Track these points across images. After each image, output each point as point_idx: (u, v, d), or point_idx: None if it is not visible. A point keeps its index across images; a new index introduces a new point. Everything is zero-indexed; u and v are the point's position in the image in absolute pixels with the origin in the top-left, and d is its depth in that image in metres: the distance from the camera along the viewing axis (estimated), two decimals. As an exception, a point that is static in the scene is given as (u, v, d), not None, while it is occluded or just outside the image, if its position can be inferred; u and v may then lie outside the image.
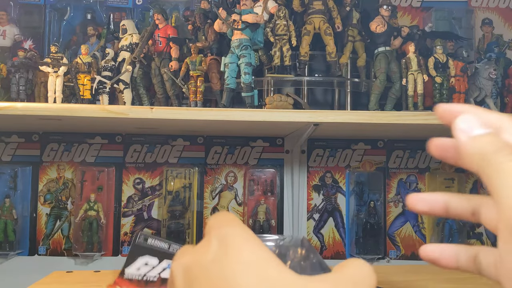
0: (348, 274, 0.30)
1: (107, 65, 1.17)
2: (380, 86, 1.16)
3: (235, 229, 0.32)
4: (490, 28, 1.33)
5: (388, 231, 1.34)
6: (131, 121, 1.05)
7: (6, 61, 1.20)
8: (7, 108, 0.98)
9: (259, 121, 1.00)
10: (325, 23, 1.14)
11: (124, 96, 1.19)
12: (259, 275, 0.28)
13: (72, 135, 1.31)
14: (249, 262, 0.29)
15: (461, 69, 1.17)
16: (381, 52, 1.17)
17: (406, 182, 1.36)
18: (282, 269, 0.29)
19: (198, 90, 1.14)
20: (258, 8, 1.14)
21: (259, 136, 1.33)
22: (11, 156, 1.30)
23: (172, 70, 1.17)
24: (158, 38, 1.19)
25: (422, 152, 1.36)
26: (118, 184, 1.31)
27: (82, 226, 1.26)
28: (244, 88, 1.09)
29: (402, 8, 1.40)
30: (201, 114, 1.00)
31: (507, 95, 1.26)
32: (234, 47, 1.09)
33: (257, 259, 0.29)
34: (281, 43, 1.13)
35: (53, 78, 1.13)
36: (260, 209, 1.28)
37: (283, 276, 0.28)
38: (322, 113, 1.02)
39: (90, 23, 1.29)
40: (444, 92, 1.16)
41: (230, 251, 0.30)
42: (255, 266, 0.29)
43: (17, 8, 1.31)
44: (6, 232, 1.25)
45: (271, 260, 0.29)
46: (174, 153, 1.32)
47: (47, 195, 1.30)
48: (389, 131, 1.21)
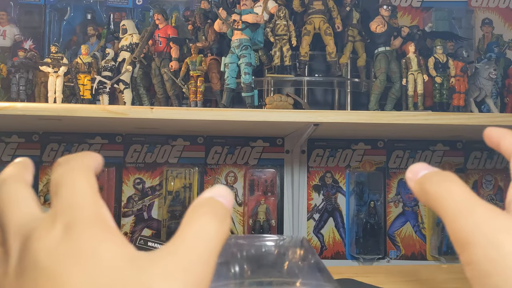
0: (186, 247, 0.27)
1: (107, 65, 1.17)
2: (380, 86, 1.16)
3: (85, 207, 0.27)
4: (490, 28, 1.33)
5: (388, 231, 1.34)
6: (131, 121, 1.05)
7: (6, 61, 1.20)
8: (7, 108, 0.98)
9: (259, 121, 1.00)
10: (325, 23, 1.14)
11: (124, 96, 1.19)
12: (90, 264, 0.25)
13: (72, 135, 1.31)
14: (83, 250, 0.26)
15: (461, 69, 1.17)
16: (381, 52, 1.17)
17: (406, 182, 1.36)
18: (119, 259, 0.25)
19: (198, 90, 1.14)
20: (258, 8, 1.14)
21: (259, 136, 1.33)
22: (11, 156, 1.30)
23: (172, 70, 1.17)
24: (158, 38, 1.19)
25: (422, 152, 1.36)
26: (118, 184, 1.31)
27: (82, 226, 1.26)
28: (244, 88, 1.09)
29: (402, 8, 1.40)
30: (201, 114, 1.00)
31: (507, 95, 1.26)
32: (234, 47, 1.09)
33: (92, 246, 0.26)
34: (281, 43, 1.13)
35: (53, 78, 1.13)
36: (260, 209, 1.29)
37: (115, 266, 0.25)
38: (322, 113, 1.02)
39: (90, 23, 1.29)
40: (444, 92, 1.16)
41: (72, 243, 0.26)
42: (88, 254, 0.25)
43: (17, 8, 1.31)
44: (6, 232, 1.25)
45: (110, 246, 0.26)
46: (174, 153, 1.32)
47: (48, 195, 1.30)
48: (389, 131, 1.21)
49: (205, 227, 0.28)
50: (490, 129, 0.38)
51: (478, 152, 1.38)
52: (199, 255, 0.26)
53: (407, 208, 1.36)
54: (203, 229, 0.27)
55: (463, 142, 1.37)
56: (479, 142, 1.37)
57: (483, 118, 1.06)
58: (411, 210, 1.36)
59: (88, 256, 0.25)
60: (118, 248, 0.26)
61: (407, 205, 1.36)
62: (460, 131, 1.19)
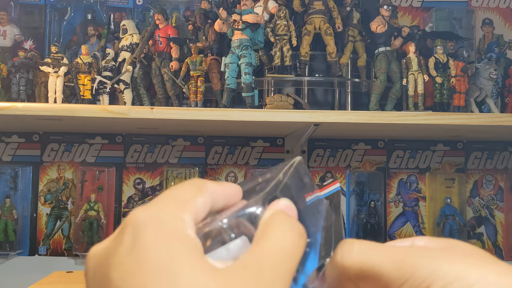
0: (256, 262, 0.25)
1: (107, 65, 1.17)
2: (381, 86, 1.16)
3: (154, 216, 0.26)
4: (490, 28, 1.33)
5: (389, 231, 1.34)
6: (132, 121, 1.05)
7: (6, 61, 1.20)
8: (8, 108, 0.98)
9: (260, 121, 1.00)
10: (325, 23, 1.14)
11: (125, 96, 1.19)
12: (167, 279, 0.24)
13: (72, 135, 1.30)
14: (159, 263, 0.24)
15: (462, 69, 1.17)
16: (381, 52, 1.17)
17: (407, 182, 1.36)
18: (199, 273, 0.24)
19: (199, 90, 1.14)
20: (258, 8, 1.14)
21: (259, 136, 1.33)
22: (12, 156, 1.30)
23: (172, 70, 1.16)
24: (158, 38, 1.19)
25: (422, 152, 1.36)
26: (118, 184, 1.31)
27: (82, 226, 1.26)
28: (245, 88, 1.09)
29: (402, 8, 1.40)
30: (201, 114, 1.00)
31: (507, 95, 1.26)
32: (235, 47, 1.09)
33: (170, 259, 0.24)
34: (281, 43, 1.13)
35: (53, 78, 1.12)
36: (260, 209, 1.28)
37: (197, 282, 0.24)
38: (322, 113, 1.02)
39: (91, 23, 1.29)
40: (444, 92, 1.16)
41: (138, 247, 0.25)
42: (165, 268, 0.24)
43: (17, 8, 1.31)
44: (6, 232, 1.25)
45: (189, 261, 0.24)
46: (174, 153, 1.32)
47: (48, 195, 1.30)
48: (390, 131, 1.21)
49: (284, 242, 0.27)
50: None
51: (479, 152, 1.38)
52: (279, 272, 0.26)
53: (408, 208, 1.36)
54: (282, 244, 0.27)
55: (464, 142, 1.37)
56: (480, 142, 1.38)
57: (483, 118, 1.05)
58: (411, 210, 1.36)
59: None
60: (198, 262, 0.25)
61: (408, 205, 1.36)
62: (460, 131, 1.19)
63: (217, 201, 0.29)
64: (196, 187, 0.29)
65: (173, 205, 0.27)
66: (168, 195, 0.28)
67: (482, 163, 1.38)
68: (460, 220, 1.32)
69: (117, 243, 0.26)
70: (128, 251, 0.25)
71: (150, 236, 0.25)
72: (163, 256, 0.24)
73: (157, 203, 0.27)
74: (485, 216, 1.37)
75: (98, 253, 0.27)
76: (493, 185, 1.38)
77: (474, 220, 1.37)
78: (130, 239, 0.26)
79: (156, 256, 0.24)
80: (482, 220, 1.37)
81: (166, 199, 0.28)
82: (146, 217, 0.26)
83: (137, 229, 0.26)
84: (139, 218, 0.26)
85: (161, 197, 0.28)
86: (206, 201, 0.28)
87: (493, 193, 1.38)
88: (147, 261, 0.24)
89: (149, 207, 0.27)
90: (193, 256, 0.25)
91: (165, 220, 0.26)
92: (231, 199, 0.30)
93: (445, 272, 0.26)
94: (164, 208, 0.27)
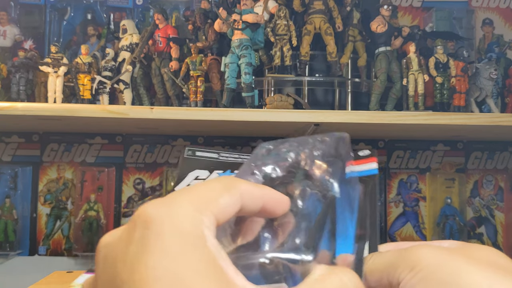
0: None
1: (107, 65, 1.17)
2: (381, 86, 1.16)
3: (167, 215, 0.23)
4: (490, 28, 1.33)
5: (389, 232, 1.34)
6: (131, 121, 1.05)
7: (6, 61, 1.19)
8: (7, 108, 0.98)
9: (259, 121, 1.00)
10: (325, 23, 1.14)
11: (124, 96, 1.19)
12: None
13: (72, 135, 1.30)
14: (165, 274, 0.22)
15: (462, 69, 1.17)
16: (381, 52, 1.17)
17: (407, 182, 1.36)
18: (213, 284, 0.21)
19: (198, 90, 1.14)
20: (258, 8, 1.14)
21: (259, 136, 1.33)
22: (11, 156, 1.30)
23: (172, 70, 1.16)
24: (158, 38, 1.18)
25: (422, 152, 1.36)
26: (118, 184, 1.31)
27: (82, 226, 1.26)
28: (245, 88, 1.09)
29: (402, 8, 1.40)
30: (201, 114, 1.00)
31: (507, 95, 1.26)
32: (235, 47, 1.09)
33: (181, 269, 0.22)
34: (281, 43, 1.13)
35: (53, 78, 1.12)
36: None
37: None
38: (322, 113, 1.02)
39: (90, 23, 1.28)
40: (444, 92, 1.16)
41: (148, 248, 0.22)
42: (171, 279, 0.21)
43: (17, 8, 1.31)
44: (6, 232, 1.25)
45: (201, 273, 0.22)
46: (174, 153, 1.32)
47: (47, 195, 1.30)
48: (390, 131, 1.21)
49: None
50: None
51: (479, 152, 1.37)
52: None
53: (408, 208, 1.35)
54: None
55: (464, 142, 1.37)
56: (480, 142, 1.37)
57: (483, 118, 1.05)
58: (411, 210, 1.35)
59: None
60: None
61: (408, 205, 1.35)
62: (460, 131, 1.19)
63: (250, 203, 0.26)
64: (223, 185, 0.26)
65: (192, 203, 0.24)
66: (189, 191, 0.25)
67: (482, 163, 1.38)
68: (460, 220, 1.32)
69: (128, 237, 0.24)
70: (136, 252, 0.23)
71: (159, 239, 0.23)
72: (172, 265, 0.22)
73: (175, 198, 0.25)
74: (485, 216, 1.37)
75: (109, 244, 0.25)
76: (493, 185, 1.38)
77: (474, 220, 1.37)
78: (140, 238, 0.23)
79: (163, 264, 0.22)
80: (482, 220, 1.37)
81: (186, 194, 0.25)
82: (159, 215, 0.23)
83: (147, 228, 0.23)
84: (152, 215, 0.23)
85: (181, 192, 0.25)
86: (232, 202, 0.25)
87: (493, 193, 1.38)
88: (154, 270, 0.22)
89: (165, 202, 0.24)
90: (207, 266, 0.22)
91: (179, 221, 0.23)
92: (274, 207, 0.27)
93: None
94: (181, 205, 0.24)
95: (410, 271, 0.27)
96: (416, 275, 0.26)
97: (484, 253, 0.29)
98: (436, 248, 0.28)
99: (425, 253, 0.27)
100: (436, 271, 0.26)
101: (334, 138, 0.30)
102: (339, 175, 0.30)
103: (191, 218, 0.23)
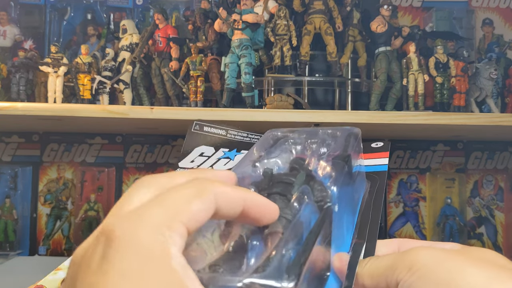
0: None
1: (107, 65, 1.17)
2: (381, 86, 1.16)
3: (131, 232, 0.22)
4: (490, 28, 1.33)
5: (389, 232, 1.34)
6: (131, 121, 1.05)
7: (6, 61, 1.20)
8: (7, 108, 0.98)
9: (259, 121, 1.00)
10: (325, 23, 1.14)
11: (124, 96, 1.18)
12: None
13: (72, 135, 1.30)
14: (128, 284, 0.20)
15: (462, 69, 1.17)
16: (381, 52, 1.17)
17: (407, 182, 1.36)
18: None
19: (198, 90, 1.13)
20: (258, 8, 1.14)
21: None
22: (11, 156, 1.30)
23: (172, 70, 1.16)
24: (158, 38, 1.18)
25: (422, 152, 1.36)
26: (118, 184, 1.31)
27: (82, 226, 1.26)
28: (245, 88, 1.09)
29: (402, 8, 1.39)
30: (201, 114, 1.00)
31: (507, 95, 1.26)
32: (235, 47, 1.09)
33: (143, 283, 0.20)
34: (281, 43, 1.13)
35: (53, 78, 1.12)
36: (260, 209, 1.28)
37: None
38: (322, 113, 1.01)
39: (90, 23, 1.28)
40: (445, 92, 1.16)
41: (107, 270, 0.21)
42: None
43: (17, 8, 1.31)
44: (6, 232, 1.25)
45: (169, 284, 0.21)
46: (174, 153, 1.32)
47: (47, 195, 1.30)
48: (390, 131, 1.21)
49: None
50: None
51: (479, 152, 1.37)
52: None
53: (408, 208, 1.35)
54: None
55: (464, 142, 1.37)
56: (480, 142, 1.37)
57: (483, 118, 1.05)
58: (411, 210, 1.35)
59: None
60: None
61: (408, 205, 1.35)
62: (460, 131, 1.19)
63: (226, 207, 0.25)
64: (196, 190, 0.25)
65: (160, 216, 0.23)
66: (160, 202, 0.24)
67: (482, 163, 1.38)
68: (460, 220, 1.32)
69: (91, 254, 0.23)
70: (95, 273, 0.22)
71: (120, 260, 0.21)
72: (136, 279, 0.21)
73: (143, 212, 0.24)
74: (485, 216, 1.37)
75: (77, 257, 0.24)
76: (493, 185, 1.38)
77: (474, 220, 1.37)
78: (100, 257, 0.22)
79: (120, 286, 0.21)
80: (482, 220, 1.37)
81: (155, 207, 0.24)
82: (122, 233, 0.22)
83: (109, 246, 0.22)
84: (116, 232, 0.22)
85: (151, 203, 0.24)
86: (204, 207, 0.24)
87: (493, 193, 1.37)
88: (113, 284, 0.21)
89: (131, 217, 0.23)
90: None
91: (143, 239, 0.22)
92: (259, 214, 0.26)
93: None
94: (148, 221, 0.23)
95: (408, 271, 0.27)
96: (413, 274, 0.27)
97: (483, 253, 0.30)
98: (433, 248, 0.28)
99: (422, 253, 0.28)
100: (433, 269, 0.26)
101: (345, 134, 0.30)
102: (343, 179, 0.29)
103: (156, 235, 0.22)
